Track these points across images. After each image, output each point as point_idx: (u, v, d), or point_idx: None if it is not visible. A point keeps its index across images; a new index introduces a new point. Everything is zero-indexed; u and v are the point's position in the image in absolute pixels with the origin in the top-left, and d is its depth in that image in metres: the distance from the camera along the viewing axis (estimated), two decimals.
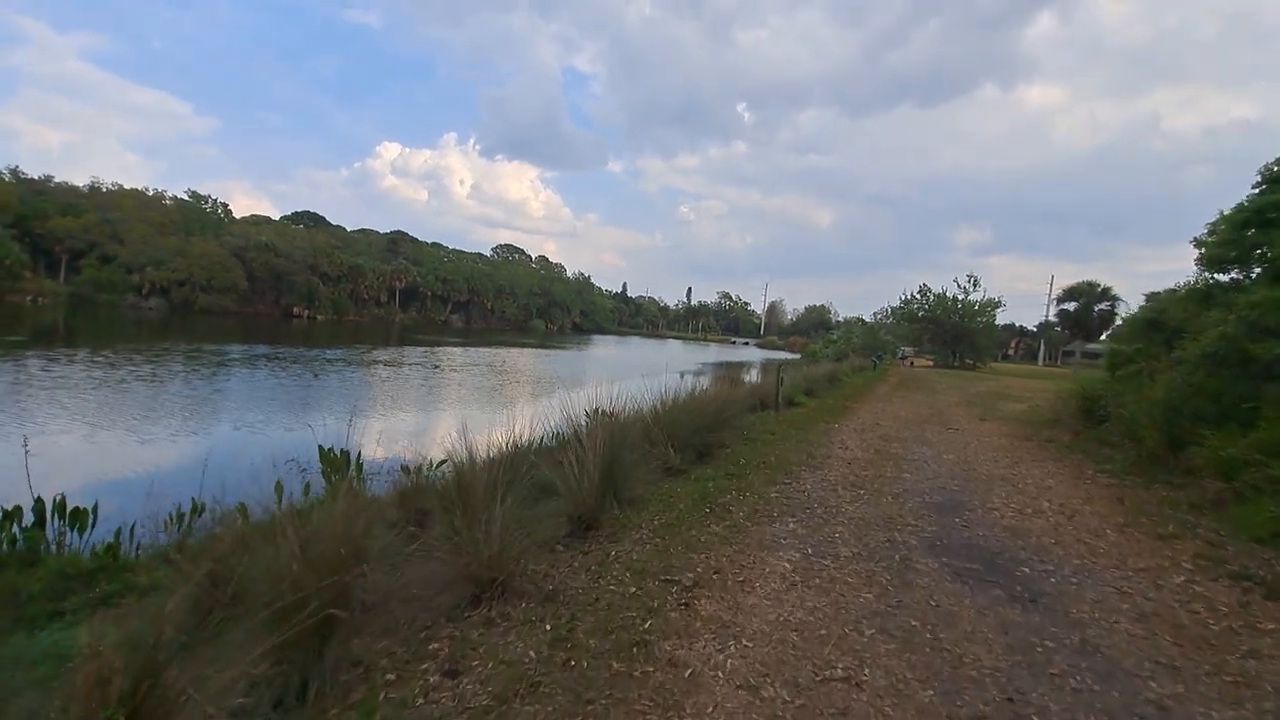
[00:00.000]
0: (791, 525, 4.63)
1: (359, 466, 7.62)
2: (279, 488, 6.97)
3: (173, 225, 61.23)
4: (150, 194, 66.67)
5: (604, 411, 6.30)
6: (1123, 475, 7.45)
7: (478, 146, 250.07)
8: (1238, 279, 9.22)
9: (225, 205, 73.04)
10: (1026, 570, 4.03)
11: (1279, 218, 8.12)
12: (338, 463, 7.38)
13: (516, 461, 5.55)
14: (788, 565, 3.82)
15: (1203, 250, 14.06)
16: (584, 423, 6.22)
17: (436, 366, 31.10)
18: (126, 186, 65.28)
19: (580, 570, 3.63)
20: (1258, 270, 9.32)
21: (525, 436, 6.57)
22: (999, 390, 23.23)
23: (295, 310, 65.71)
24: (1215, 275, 9.50)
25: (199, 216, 66.73)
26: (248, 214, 78.06)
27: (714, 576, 3.55)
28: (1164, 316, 9.75)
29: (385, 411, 16.63)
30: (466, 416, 15.04)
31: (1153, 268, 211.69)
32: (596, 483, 4.64)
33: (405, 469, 7.50)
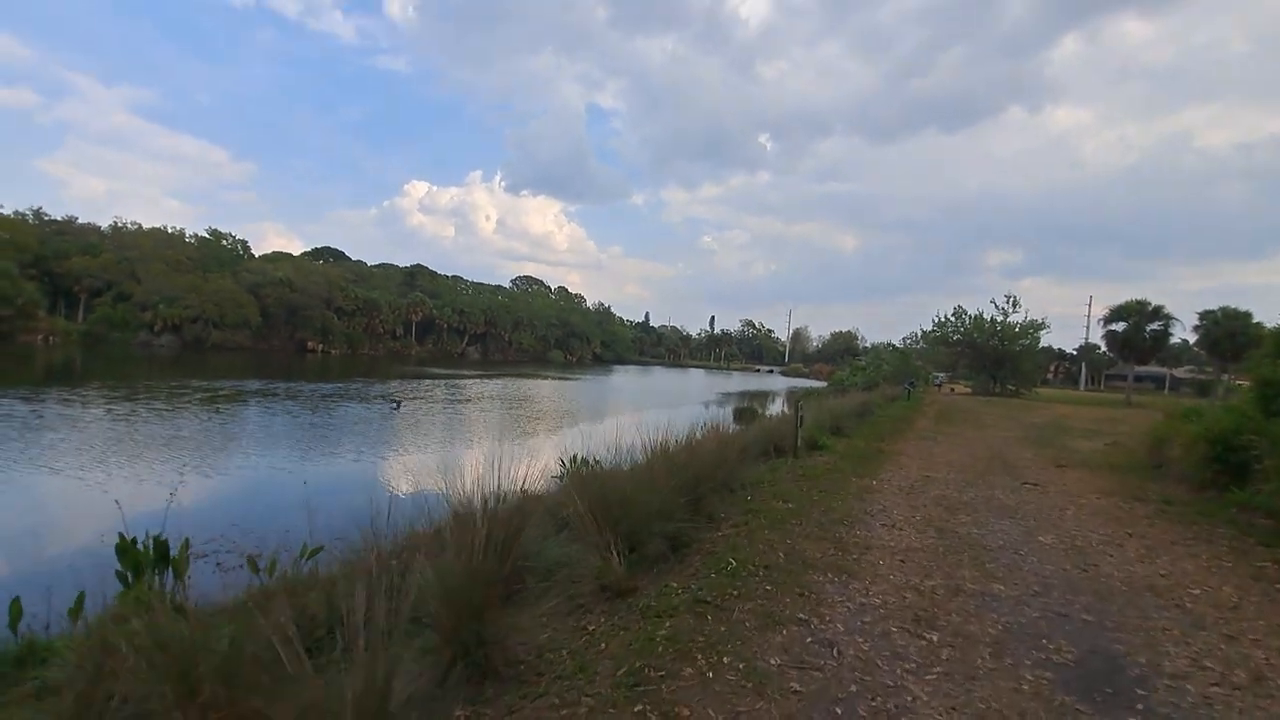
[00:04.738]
0: None
1: (182, 560, 5.35)
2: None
3: (190, 263, 61.27)
4: (170, 232, 67.17)
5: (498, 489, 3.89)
6: None
7: (503, 183, 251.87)
8: None
9: (244, 242, 73.36)
10: None
11: None
12: (142, 559, 5.12)
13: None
14: None
15: None
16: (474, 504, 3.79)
17: (432, 399, 29.07)
18: (147, 226, 65.82)
19: None
20: None
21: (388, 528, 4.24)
22: (1057, 422, 20.19)
23: (310, 345, 64.97)
24: None
25: (217, 253, 66.91)
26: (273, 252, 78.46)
27: None
28: None
29: (339, 459, 14.47)
30: (398, 466, 12.78)
31: (1194, 286, 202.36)
32: (389, 675, 2.26)
33: (254, 563, 5.20)
